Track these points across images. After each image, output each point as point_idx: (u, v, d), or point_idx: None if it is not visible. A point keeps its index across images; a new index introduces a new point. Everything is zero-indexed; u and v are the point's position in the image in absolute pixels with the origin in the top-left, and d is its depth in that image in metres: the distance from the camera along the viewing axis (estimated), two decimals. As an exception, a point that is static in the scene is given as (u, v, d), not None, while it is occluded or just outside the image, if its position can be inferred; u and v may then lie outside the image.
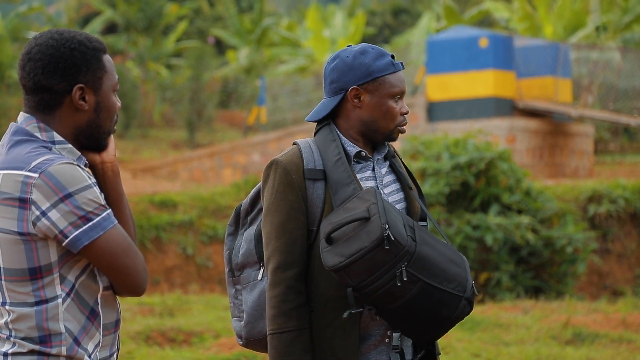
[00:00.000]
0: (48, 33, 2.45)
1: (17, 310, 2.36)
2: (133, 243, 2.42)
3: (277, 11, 40.51)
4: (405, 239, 2.74)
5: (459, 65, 17.55)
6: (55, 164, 2.32)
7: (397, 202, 2.97)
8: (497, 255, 10.82)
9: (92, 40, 2.46)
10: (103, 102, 2.46)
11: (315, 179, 2.90)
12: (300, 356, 2.87)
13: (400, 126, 2.95)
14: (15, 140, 2.40)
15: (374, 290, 2.76)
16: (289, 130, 19.50)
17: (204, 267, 12.91)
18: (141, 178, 18.12)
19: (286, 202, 2.89)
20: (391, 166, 3.02)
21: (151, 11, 27.90)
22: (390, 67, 2.93)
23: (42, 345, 2.35)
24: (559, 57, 18.20)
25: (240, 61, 29.44)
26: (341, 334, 2.86)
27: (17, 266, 2.34)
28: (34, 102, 2.44)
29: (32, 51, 2.44)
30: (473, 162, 10.94)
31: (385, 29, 35.85)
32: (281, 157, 2.92)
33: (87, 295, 2.39)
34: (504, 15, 23.97)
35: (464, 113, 17.38)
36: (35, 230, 2.32)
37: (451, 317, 2.82)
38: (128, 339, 7.77)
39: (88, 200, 2.33)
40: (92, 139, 2.47)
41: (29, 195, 2.31)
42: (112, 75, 2.48)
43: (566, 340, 8.01)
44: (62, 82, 2.41)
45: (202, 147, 22.70)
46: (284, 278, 2.88)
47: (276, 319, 2.87)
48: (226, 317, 8.72)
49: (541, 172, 17.17)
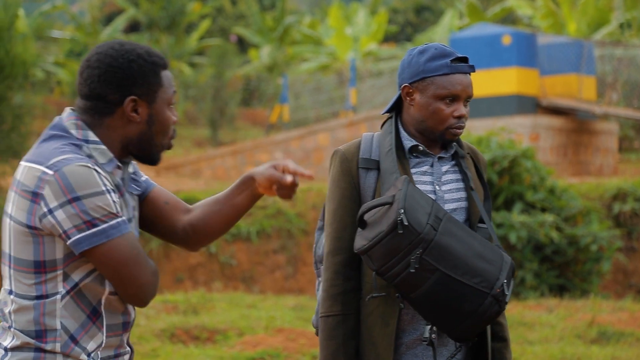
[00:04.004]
0: (110, 43, 2.47)
1: (19, 302, 2.38)
2: (143, 255, 2.40)
3: (300, 9, 40.52)
4: (422, 226, 2.77)
5: (482, 62, 17.48)
6: (71, 165, 2.33)
7: (456, 200, 2.99)
8: (521, 253, 10.77)
9: (152, 54, 2.47)
10: (156, 116, 2.47)
11: (369, 168, 2.97)
12: (343, 341, 2.94)
13: (452, 129, 2.96)
14: (50, 135, 2.42)
15: (394, 276, 2.80)
16: (312, 129, 19.50)
17: (228, 265, 12.94)
18: (164, 176, 18.17)
19: (339, 190, 2.99)
20: (458, 165, 3.03)
21: (174, 9, 27.98)
22: (444, 69, 2.94)
23: (38, 340, 2.37)
24: (583, 55, 18.10)
25: (262, 59, 29.48)
26: (380, 323, 2.91)
27: (24, 257, 2.37)
28: (86, 106, 2.46)
29: (91, 59, 2.45)
30: (496, 160, 10.90)
31: (408, 26, 35.78)
32: (342, 147, 3.03)
33: (90, 296, 2.40)
34: (527, 12, 23.87)
35: (487, 111, 17.32)
36: (41, 226, 2.33)
37: (475, 313, 2.80)
38: (152, 337, 7.80)
39: (96, 206, 2.32)
40: (143, 151, 2.49)
41: (41, 191, 2.32)
42: (168, 89, 2.50)
43: (591, 339, 7.97)
44: (117, 92, 2.43)
45: (224, 145, 22.74)
46: (333, 263, 2.97)
47: (324, 303, 2.97)
48: (250, 315, 8.73)
49: (565, 170, 17.08)
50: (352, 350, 2.94)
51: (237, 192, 2.57)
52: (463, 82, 2.95)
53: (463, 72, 2.95)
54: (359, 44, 27.08)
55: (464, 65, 2.95)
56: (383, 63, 23.70)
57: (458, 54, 2.98)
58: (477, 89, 17.57)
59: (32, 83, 14.71)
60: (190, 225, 2.58)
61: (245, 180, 2.56)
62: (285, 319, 8.58)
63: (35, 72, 20.14)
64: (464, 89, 2.95)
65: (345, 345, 2.93)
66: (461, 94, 2.94)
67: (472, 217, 2.98)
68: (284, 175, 2.49)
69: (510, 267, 2.87)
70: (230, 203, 2.57)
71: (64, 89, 26.74)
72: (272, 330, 8.03)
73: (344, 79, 22.85)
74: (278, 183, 2.50)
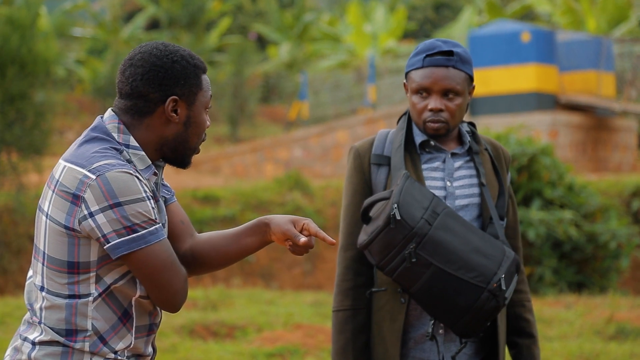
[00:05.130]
0: (154, 43, 2.49)
1: (51, 299, 2.40)
2: (176, 261, 2.42)
3: (318, 6, 40.52)
4: (416, 221, 2.79)
5: (501, 59, 17.46)
6: (113, 171, 2.35)
7: (468, 196, 2.98)
8: (540, 250, 10.77)
9: (195, 57, 2.50)
10: (194, 118, 2.49)
11: (380, 164, 2.99)
12: (353, 335, 2.97)
13: (428, 122, 2.95)
14: (91, 136, 2.44)
15: (392, 271, 2.83)
16: (331, 125, 19.53)
17: (247, 261, 12.99)
18: (184, 173, 18.24)
19: (352, 186, 3.02)
20: (473, 161, 3.02)
21: (193, 7, 28.06)
22: (417, 63, 2.95)
23: (67, 339, 2.39)
24: (602, 51, 18.05)
25: (281, 56, 29.51)
26: (388, 318, 2.94)
27: (58, 256, 2.39)
28: (126, 106, 2.47)
29: (134, 57, 2.47)
30: (515, 157, 10.90)
31: (427, 23, 35.72)
32: (357, 143, 3.05)
33: (121, 297, 2.42)
34: (546, 9, 23.80)
35: (505, 107, 17.29)
36: (80, 228, 2.35)
37: (472, 308, 2.80)
38: (172, 333, 7.86)
39: (137, 212, 2.34)
40: (177, 152, 2.50)
41: (82, 194, 2.34)
42: (207, 93, 2.51)
43: (610, 335, 7.97)
44: (158, 91, 2.44)
45: (244, 142, 22.80)
46: (345, 258, 3.00)
47: (336, 297, 3.01)
48: (269, 311, 8.78)
49: (584, 167, 17.04)
50: (361, 345, 2.96)
51: (249, 234, 2.54)
52: (435, 75, 2.91)
53: (437, 65, 2.91)
54: (378, 41, 27.06)
55: (438, 59, 2.91)
56: (402, 60, 23.69)
57: (445, 48, 2.93)
58: (496, 85, 17.56)
59: (54, 81, 14.77)
60: (192, 252, 2.58)
61: (259, 225, 2.52)
62: (304, 315, 8.62)
63: (57, 70, 20.23)
64: (436, 82, 2.91)
65: (354, 339, 2.96)
66: (432, 86, 2.92)
67: (485, 213, 2.96)
68: (299, 235, 2.45)
69: (513, 262, 2.85)
70: (238, 243, 2.55)
71: (85, 87, 26.87)
72: (290, 326, 8.07)
73: (362, 76, 22.85)
74: (292, 240, 2.47)
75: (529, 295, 3.12)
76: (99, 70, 24.63)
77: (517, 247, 3.10)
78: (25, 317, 2.48)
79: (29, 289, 2.47)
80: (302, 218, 2.48)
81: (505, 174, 3.07)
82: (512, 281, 2.86)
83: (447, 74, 2.92)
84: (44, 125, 12.89)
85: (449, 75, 2.92)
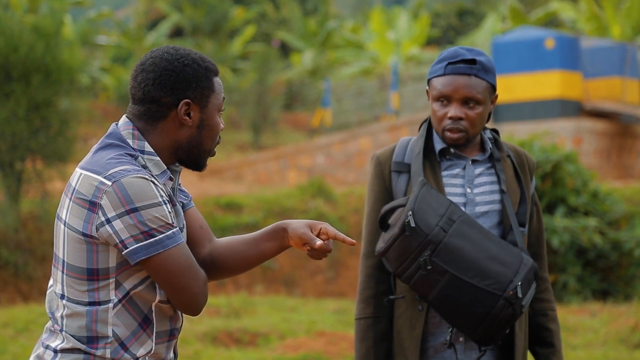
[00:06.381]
0: (164, 48, 2.50)
1: (71, 307, 2.40)
2: (195, 264, 2.42)
3: (342, 14, 40.57)
4: (431, 228, 2.78)
5: (525, 66, 17.41)
6: (129, 176, 2.35)
7: (489, 203, 2.96)
8: (564, 257, 10.72)
9: (206, 60, 2.50)
10: (207, 121, 2.49)
11: (400, 172, 2.99)
12: (375, 343, 2.97)
13: (446, 130, 2.94)
14: (106, 143, 2.45)
15: (408, 278, 2.83)
16: (354, 133, 19.53)
17: (269, 268, 13.00)
18: (207, 180, 18.30)
19: (373, 193, 3.03)
20: (494, 168, 3.00)
21: (217, 15, 28.18)
22: (439, 70, 2.94)
23: (89, 346, 2.39)
24: (627, 58, 17.95)
25: (304, 64, 29.56)
26: (408, 326, 2.93)
27: (78, 264, 2.39)
28: (139, 112, 2.48)
29: (146, 62, 2.47)
30: (539, 164, 10.85)
31: (450, 30, 35.67)
32: (379, 151, 3.06)
33: (141, 303, 2.42)
34: (570, 15, 23.71)
35: (529, 114, 17.24)
36: (97, 235, 2.36)
37: (488, 315, 2.78)
38: (195, 340, 7.87)
39: (154, 217, 2.35)
40: (191, 156, 2.51)
41: (99, 201, 2.35)
42: (219, 96, 2.51)
43: (634, 344, 7.91)
44: (171, 95, 2.45)
45: (267, 149, 22.84)
46: (366, 266, 3.00)
47: (358, 305, 3.01)
48: (291, 318, 8.78)
49: (609, 174, 16.95)
50: (383, 353, 2.96)
51: (267, 239, 2.54)
52: (456, 83, 2.90)
53: (459, 73, 2.90)
54: (401, 48, 27.05)
55: (460, 66, 2.90)
56: (425, 67, 23.66)
57: (469, 56, 2.91)
58: (520, 92, 17.50)
59: (78, 88, 14.85)
60: (211, 257, 2.58)
61: (277, 230, 2.52)
62: (327, 322, 8.62)
63: (81, 78, 20.37)
64: (456, 90, 2.90)
65: (376, 347, 2.96)
66: (453, 94, 2.91)
67: (506, 220, 2.94)
68: (315, 239, 2.43)
69: (530, 269, 2.83)
70: (257, 248, 2.55)
71: (109, 94, 27.02)
72: (313, 333, 8.07)
73: (385, 83, 22.85)
74: (309, 244, 2.46)
75: (554, 304, 3.08)
76: (123, 78, 24.76)
77: (542, 254, 3.07)
78: (47, 325, 2.48)
79: (50, 297, 2.48)
80: (319, 222, 2.47)
81: (528, 180, 3.05)
82: (529, 289, 2.84)
83: (469, 82, 2.91)
84: (69, 133, 12.97)
85: (470, 84, 2.91)
